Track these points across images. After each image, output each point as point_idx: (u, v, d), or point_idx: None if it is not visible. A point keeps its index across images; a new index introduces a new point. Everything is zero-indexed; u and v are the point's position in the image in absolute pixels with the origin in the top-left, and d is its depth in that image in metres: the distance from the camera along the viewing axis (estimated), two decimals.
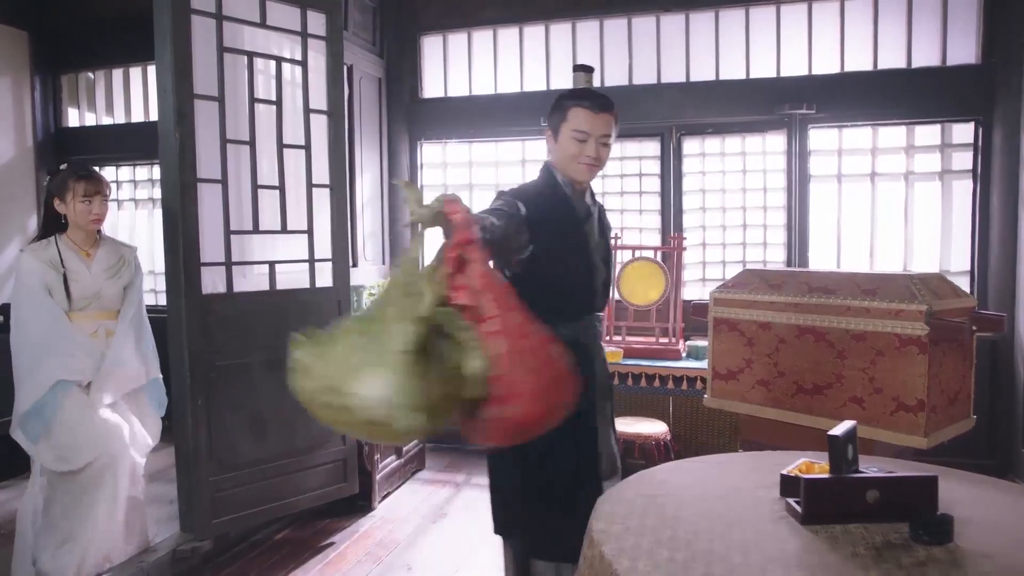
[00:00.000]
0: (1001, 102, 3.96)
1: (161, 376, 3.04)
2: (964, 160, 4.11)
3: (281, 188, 3.28)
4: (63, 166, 2.90)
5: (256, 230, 3.22)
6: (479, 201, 4.90)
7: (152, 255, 5.58)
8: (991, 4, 4.00)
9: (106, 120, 5.58)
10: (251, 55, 3.17)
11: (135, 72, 5.50)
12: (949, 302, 2.54)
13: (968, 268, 4.11)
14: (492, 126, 4.79)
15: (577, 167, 2.04)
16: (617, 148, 4.61)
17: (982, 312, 2.71)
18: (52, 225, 2.84)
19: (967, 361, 2.73)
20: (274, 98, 3.24)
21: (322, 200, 3.41)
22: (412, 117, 4.94)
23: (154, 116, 5.41)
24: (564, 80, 4.67)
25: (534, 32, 4.74)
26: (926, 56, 4.14)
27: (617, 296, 4.30)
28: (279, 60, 3.25)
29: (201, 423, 3.02)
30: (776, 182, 4.33)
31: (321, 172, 3.40)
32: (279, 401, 3.13)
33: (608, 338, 4.29)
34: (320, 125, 3.38)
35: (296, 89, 3.34)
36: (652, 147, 4.51)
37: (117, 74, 5.55)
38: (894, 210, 4.22)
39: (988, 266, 4.05)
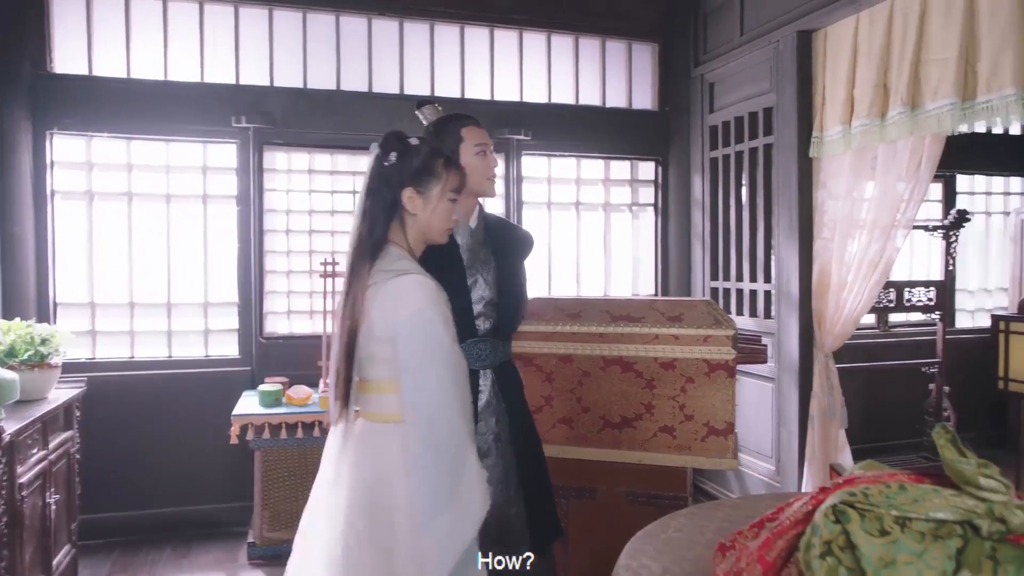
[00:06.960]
0: (675, 145, 4.50)
1: None
2: (649, 195, 4.56)
3: None
4: (413, 140, 1.77)
5: None
6: (139, 216, 3.79)
7: None
8: (662, 60, 4.53)
9: None
10: None
11: None
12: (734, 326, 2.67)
13: (653, 293, 4.55)
14: (162, 121, 3.75)
15: (488, 183, 2.04)
16: (327, 160, 4.04)
17: (744, 334, 2.95)
18: (383, 231, 1.76)
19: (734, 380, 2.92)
20: None
21: None
22: (38, 98, 3.59)
23: None
24: (259, 75, 3.91)
25: (220, 11, 3.87)
26: (617, 98, 4.50)
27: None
28: None
29: None
30: (495, 207, 4.23)
31: None
32: None
33: (325, 381, 3.67)
34: None
35: None
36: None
37: None
38: (595, 238, 4.47)
39: (668, 291, 4.53)
